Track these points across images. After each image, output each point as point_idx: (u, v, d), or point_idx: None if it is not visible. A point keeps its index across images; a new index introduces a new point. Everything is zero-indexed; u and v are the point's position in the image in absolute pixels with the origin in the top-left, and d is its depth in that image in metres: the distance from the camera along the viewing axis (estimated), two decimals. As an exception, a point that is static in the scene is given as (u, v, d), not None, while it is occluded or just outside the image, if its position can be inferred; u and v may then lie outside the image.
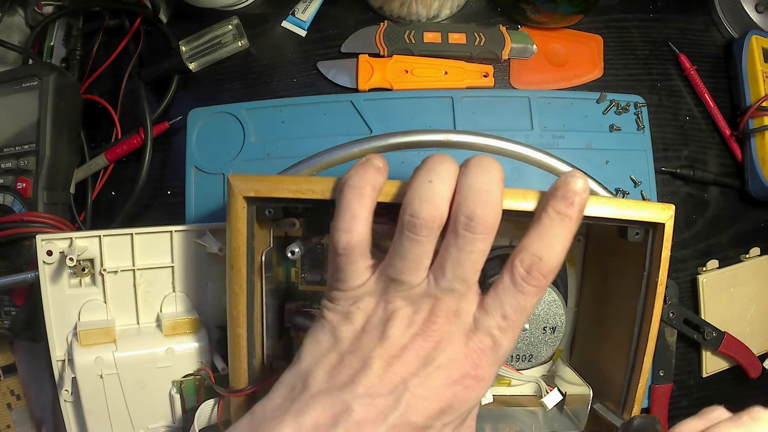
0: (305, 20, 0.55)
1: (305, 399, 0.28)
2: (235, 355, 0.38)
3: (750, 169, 0.55)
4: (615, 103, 0.54)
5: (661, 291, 0.38)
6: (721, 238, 0.56)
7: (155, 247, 0.45)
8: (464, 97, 0.53)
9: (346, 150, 0.42)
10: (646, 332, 0.39)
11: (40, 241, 0.42)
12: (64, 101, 0.50)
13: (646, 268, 0.38)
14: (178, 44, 0.53)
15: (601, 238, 0.45)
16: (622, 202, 0.36)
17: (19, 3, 0.58)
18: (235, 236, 0.37)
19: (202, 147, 0.53)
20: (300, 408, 0.28)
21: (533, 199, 0.33)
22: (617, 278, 0.42)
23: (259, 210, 0.37)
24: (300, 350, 0.32)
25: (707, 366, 0.54)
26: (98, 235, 0.43)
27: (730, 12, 0.58)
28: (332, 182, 0.34)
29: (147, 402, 0.43)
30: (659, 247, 0.37)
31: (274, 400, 0.30)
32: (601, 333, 0.44)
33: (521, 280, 0.29)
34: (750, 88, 0.55)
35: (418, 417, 0.28)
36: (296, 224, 0.44)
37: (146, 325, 0.45)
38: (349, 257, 0.31)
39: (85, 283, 0.44)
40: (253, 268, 0.38)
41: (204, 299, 0.46)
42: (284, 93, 0.54)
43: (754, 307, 0.55)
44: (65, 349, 0.43)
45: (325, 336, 0.31)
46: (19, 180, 0.49)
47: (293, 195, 0.35)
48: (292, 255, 0.38)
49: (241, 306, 0.37)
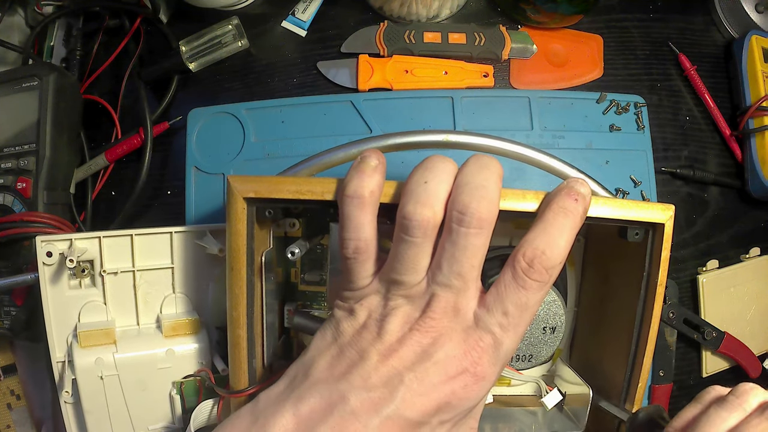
0: (305, 20, 0.55)
1: (305, 388, 0.29)
2: (235, 356, 0.38)
3: (750, 169, 0.55)
4: (615, 103, 0.54)
5: (660, 291, 0.38)
6: (721, 238, 0.56)
7: (155, 248, 0.45)
8: (464, 97, 0.53)
9: (346, 150, 0.42)
10: (646, 332, 0.39)
11: (40, 242, 0.42)
12: (64, 101, 0.50)
13: (645, 269, 0.38)
14: (178, 44, 0.53)
15: (601, 239, 0.45)
16: (622, 203, 0.36)
17: (19, 3, 0.58)
18: (234, 238, 0.37)
19: (202, 147, 0.53)
20: (299, 396, 0.29)
21: (533, 199, 0.33)
22: (617, 278, 0.42)
23: (258, 211, 0.37)
24: (308, 344, 0.33)
25: (707, 366, 0.54)
26: (98, 236, 0.43)
27: (730, 12, 0.58)
28: (332, 183, 0.34)
29: (147, 403, 0.43)
30: (659, 247, 0.37)
31: (277, 388, 0.31)
32: (601, 333, 0.44)
33: (523, 275, 0.29)
34: (750, 88, 0.55)
35: (413, 412, 0.28)
36: (296, 224, 0.44)
37: (146, 327, 0.45)
38: (357, 260, 0.31)
39: (85, 285, 0.44)
40: (252, 270, 0.38)
41: (204, 300, 0.46)
42: (284, 93, 0.54)
43: (754, 307, 0.55)
44: (65, 351, 0.43)
45: (330, 331, 0.32)
46: (19, 180, 0.49)
47: (293, 196, 0.35)
48: (292, 256, 0.38)
49: (241, 307, 0.37)
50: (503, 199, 0.33)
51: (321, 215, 0.43)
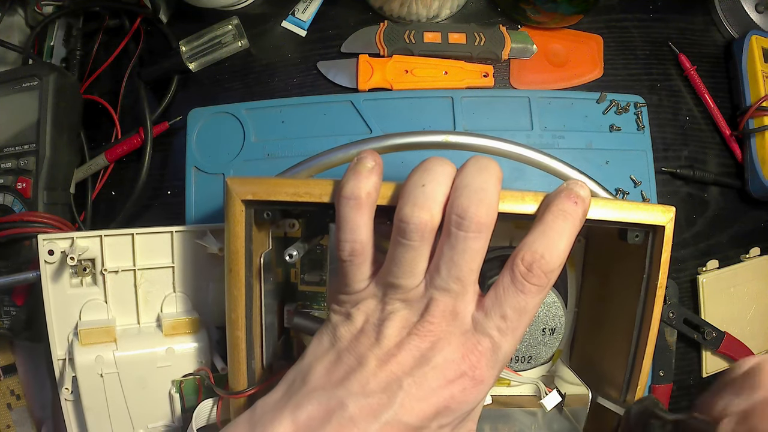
0: (305, 20, 0.55)
1: (302, 394, 0.29)
2: (234, 357, 0.38)
3: (750, 169, 0.55)
4: (615, 103, 0.54)
5: (660, 294, 0.38)
6: (721, 238, 0.56)
7: (156, 247, 0.45)
8: (464, 97, 0.53)
9: (345, 151, 0.41)
10: (646, 333, 0.38)
11: (42, 240, 0.42)
12: (64, 101, 0.50)
13: (645, 271, 0.38)
14: (178, 44, 0.53)
15: (601, 240, 0.45)
16: (622, 204, 0.36)
17: (19, 3, 0.58)
18: (233, 240, 0.37)
19: (202, 147, 0.53)
20: (297, 403, 0.28)
21: (532, 201, 0.33)
22: (617, 279, 0.42)
23: (257, 213, 0.37)
24: (305, 349, 0.32)
25: (707, 366, 0.54)
26: (99, 235, 0.44)
27: (730, 12, 0.58)
28: (330, 185, 0.34)
29: (147, 401, 0.43)
30: (659, 249, 0.37)
31: (275, 395, 0.30)
32: (601, 333, 0.44)
33: (522, 278, 0.29)
34: (750, 88, 0.55)
35: (412, 417, 0.28)
36: (295, 225, 0.44)
37: (147, 325, 0.45)
38: (353, 263, 0.31)
39: (86, 283, 0.44)
40: (251, 271, 0.37)
41: (204, 299, 0.46)
42: (284, 93, 0.54)
43: (754, 307, 0.55)
44: (66, 348, 0.44)
45: (327, 336, 0.32)
46: (19, 180, 0.49)
47: (291, 198, 0.35)
48: (290, 258, 0.38)
49: (239, 309, 0.37)
50: (502, 201, 0.33)
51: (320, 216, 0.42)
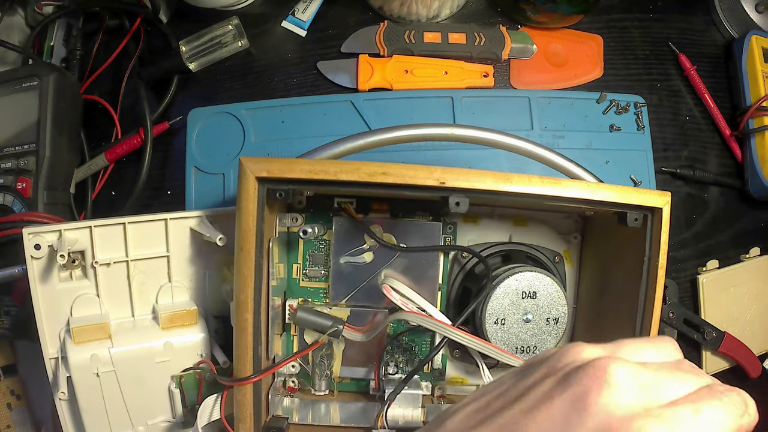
0: (305, 20, 0.55)
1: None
2: (240, 342, 0.37)
3: (750, 169, 0.55)
4: (615, 103, 0.54)
5: (662, 274, 0.39)
6: (721, 238, 0.56)
7: (149, 236, 0.43)
8: (464, 97, 0.53)
9: (353, 142, 0.42)
10: (650, 315, 0.39)
11: (27, 234, 0.40)
12: (64, 101, 0.50)
13: (646, 253, 0.39)
14: (178, 44, 0.53)
15: (597, 234, 0.45)
16: (622, 189, 0.38)
17: (19, 3, 0.58)
18: (245, 218, 0.36)
19: (202, 147, 0.53)
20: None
21: (538, 183, 0.36)
22: (616, 270, 0.43)
23: (269, 193, 0.37)
24: None
25: (707, 366, 0.54)
26: (89, 225, 0.41)
27: (730, 12, 0.58)
28: (346, 164, 0.35)
29: (146, 398, 0.42)
30: (658, 231, 0.39)
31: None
32: (601, 326, 0.44)
33: None
34: (750, 88, 0.55)
35: None
36: (298, 219, 0.44)
37: (142, 318, 0.43)
38: None
39: (77, 277, 0.42)
40: (261, 252, 0.37)
41: (201, 289, 0.45)
42: (284, 93, 0.54)
43: (754, 307, 0.55)
44: (58, 347, 0.41)
45: None
46: (19, 180, 0.49)
47: (306, 176, 0.35)
48: (305, 234, 0.39)
49: (249, 289, 0.37)
50: (509, 182, 0.35)
51: (324, 209, 0.43)
